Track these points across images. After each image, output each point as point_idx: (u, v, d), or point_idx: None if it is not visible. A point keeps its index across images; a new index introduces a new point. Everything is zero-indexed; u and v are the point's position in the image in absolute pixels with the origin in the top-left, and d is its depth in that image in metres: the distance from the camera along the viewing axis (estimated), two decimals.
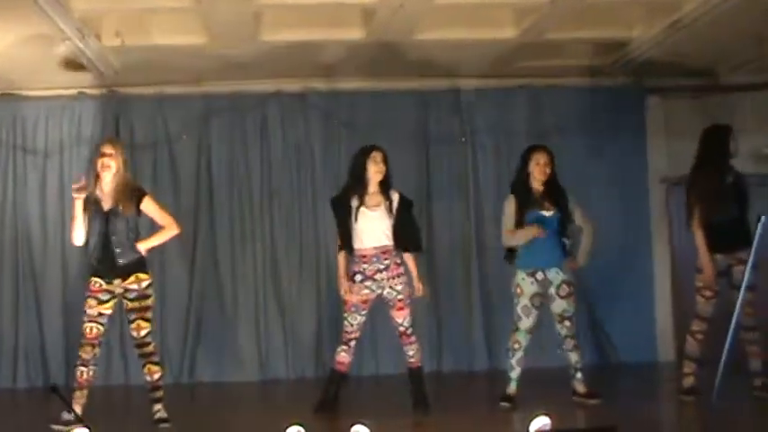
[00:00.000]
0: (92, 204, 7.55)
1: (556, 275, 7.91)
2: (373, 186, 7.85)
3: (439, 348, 10.54)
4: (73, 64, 9.19)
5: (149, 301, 7.57)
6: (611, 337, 10.33)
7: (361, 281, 7.79)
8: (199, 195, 10.57)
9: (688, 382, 7.98)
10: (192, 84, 10.52)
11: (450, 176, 10.77)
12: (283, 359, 10.52)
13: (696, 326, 7.98)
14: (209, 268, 10.47)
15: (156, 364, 7.61)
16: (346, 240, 7.86)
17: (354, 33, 9.19)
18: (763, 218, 5.62)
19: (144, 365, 7.58)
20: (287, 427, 5.72)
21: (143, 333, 7.51)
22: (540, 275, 7.90)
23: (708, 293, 7.91)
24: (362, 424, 5.82)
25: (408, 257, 7.93)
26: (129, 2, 8.33)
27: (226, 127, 10.62)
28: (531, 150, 8.11)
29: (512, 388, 7.92)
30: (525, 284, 7.89)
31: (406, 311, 7.83)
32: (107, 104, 10.55)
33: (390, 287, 7.77)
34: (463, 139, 10.75)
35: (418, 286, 7.94)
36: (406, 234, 7.87)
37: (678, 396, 8.06)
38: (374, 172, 7.82)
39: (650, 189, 10.82)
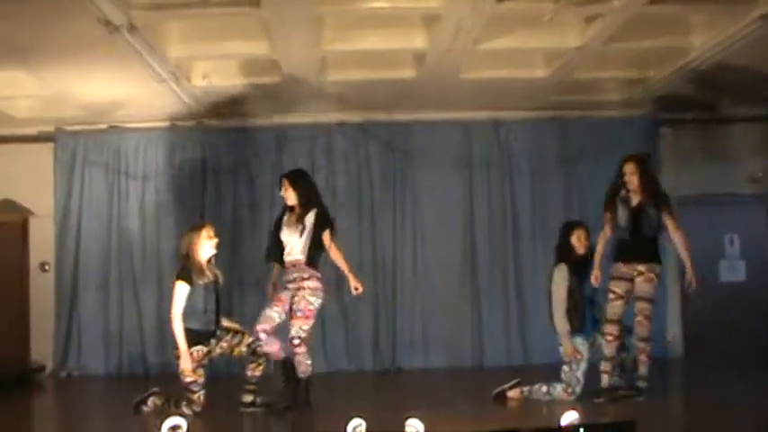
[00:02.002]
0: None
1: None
2: (293, 209, 7.84)
3: (480, 346, 10.60)
4: None
5: None
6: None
7: (284, 285, 7.80)
8: (273, 212, 10.45)
9: (604, 381, 7.75)
10: (268, 116, 10.70)
11: (491, 196, 10.81)
12: (344, 353, 10.61)
13: (606, 328, 7.78)
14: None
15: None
16: (276, 253, 7.86)
17: (407, 73, 9.32)
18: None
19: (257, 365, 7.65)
20: (350, 420, 5.75)
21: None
22: (590, 339, 7.84)
23: (610, 295, 7.78)
24: (415, 418, 5.79)
25: (340, 261, 7.84)
26: (214, 49, 8.54)
27: (297, 153, 10.72)
28: (572, 226, 8.08)
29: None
30: (585, 349, 7.70)
31: (299, 322, 7.54)
32: (196, 135, 10.79)
33: (295, 297, 7.66)
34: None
35: (355, 284, 7.85)
36: (310, 251, 7.72)
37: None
38: (284, 197, 7.88)
39: None
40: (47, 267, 10.76)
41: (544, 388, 7.81)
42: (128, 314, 10.59)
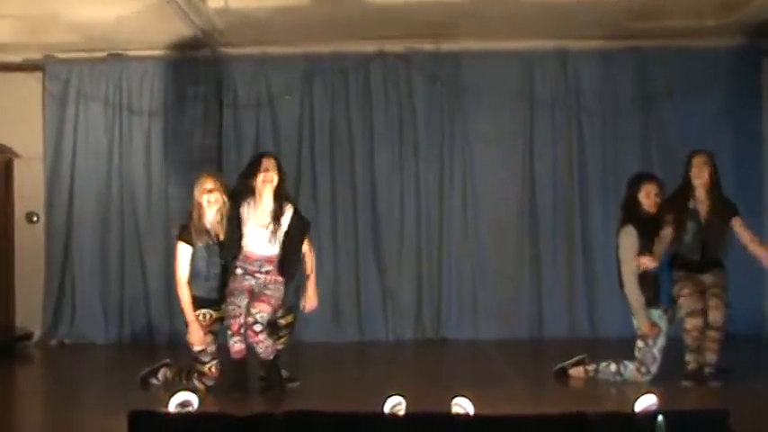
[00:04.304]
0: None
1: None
2: (265, 199, 7.53)
3: (539, 315, 10.55)
4: None
5: None
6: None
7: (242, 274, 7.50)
8: (301, 155, 10.69)
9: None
10: (295, 44, 10.55)
11: (555, 140, 10.70)
12: (382, 321, 10.62)
13: None
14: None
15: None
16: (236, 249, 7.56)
17: None
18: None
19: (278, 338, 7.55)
20: (387, 398, 5.67)
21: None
22: (669, 312, 7.76)
23: None
24: (464, 397, 5.69)
25: (310, 264, 7.70)
26: None
27: (328, 87, 10.70)
28: (641, 179, 7.96)
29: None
30: (663, 322, 7.67)
31: (265, 308, 7.31)
32: (210, 65, 10.70)
33: (268, 286, 7.43)
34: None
35: (311, 300, 7.71)
36: (289, 263, 7.58)
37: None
38: (261, 181, 7.50)
39: (764, 153, 10.59)
40: (35, 219, 10.80)
41: (613, 367, 7.77)
42: (130, 273, 10.62)
